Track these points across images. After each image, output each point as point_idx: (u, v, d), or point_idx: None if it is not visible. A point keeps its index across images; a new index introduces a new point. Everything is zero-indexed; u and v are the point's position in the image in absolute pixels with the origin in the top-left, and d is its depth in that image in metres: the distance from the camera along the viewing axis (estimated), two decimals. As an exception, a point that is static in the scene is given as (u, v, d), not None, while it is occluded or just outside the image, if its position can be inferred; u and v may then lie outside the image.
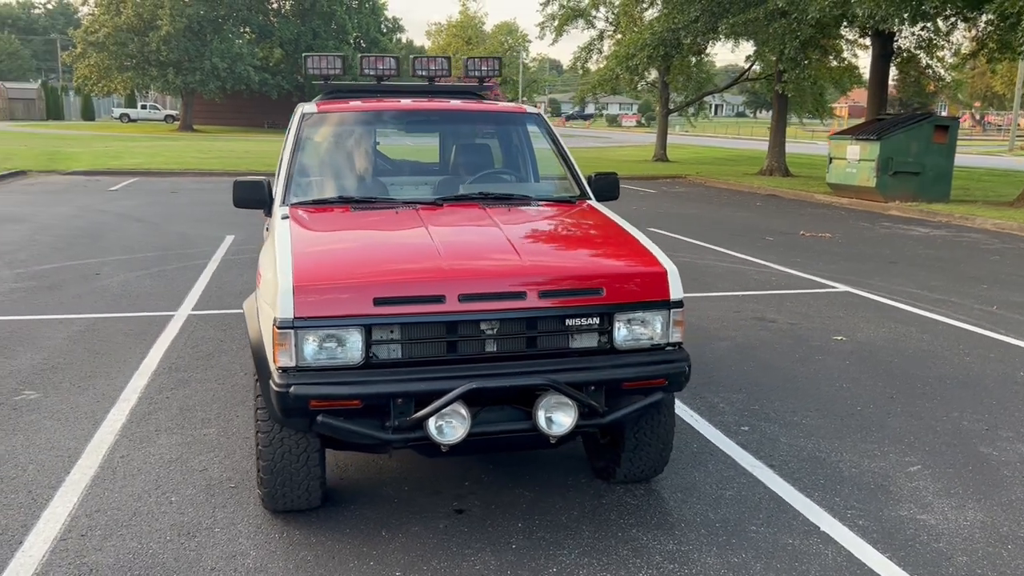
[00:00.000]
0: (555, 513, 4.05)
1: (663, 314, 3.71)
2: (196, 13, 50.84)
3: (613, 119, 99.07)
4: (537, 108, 5.39)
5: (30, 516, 3.90)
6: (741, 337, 7.28)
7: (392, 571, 3.52)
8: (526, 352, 3.57)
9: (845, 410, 5.53)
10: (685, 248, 12.19)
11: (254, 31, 55.93)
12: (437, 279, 3.48)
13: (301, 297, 3.36)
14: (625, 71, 25.62)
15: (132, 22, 50.25)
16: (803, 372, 6.33)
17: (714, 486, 4.38)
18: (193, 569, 3.50)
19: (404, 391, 3.38)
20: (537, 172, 5.14)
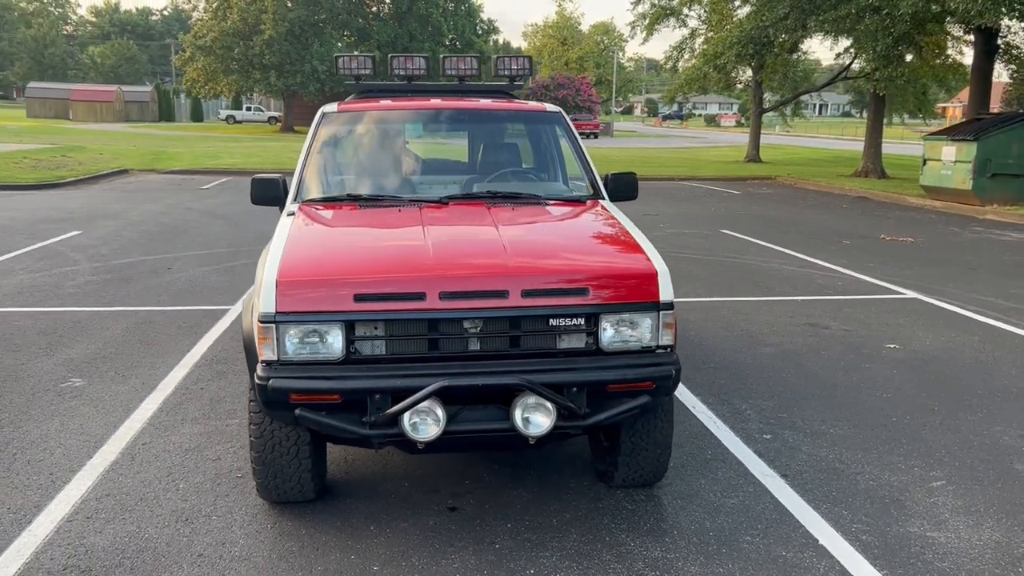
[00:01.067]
0: (547, 515, 4.02)
1: (652, 316, 3.64)
2: (297, 17, 52.38)
3: (712, 119, 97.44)
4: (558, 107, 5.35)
5: (45, 497, 4.10)
6: (788, 343, 7.07)
7: (371, 565, 3.56)
8: (509, 352, 3.55)
9: (878, 421, 5.32)
10: (754, 251, 11.90)
11: (352, 35, 57.18)
12: (418, 277, 3.51)
13: (283, 292, 3.44)
14: (713, 70, 25.18)
15: (237, 27, 52.12)
16: (844, 381, 6.10)
17: (718, 494, 4.27)
18: (182, 554, 3.62)
19: (381, 387, 3.41)
20: (560, 170, 5.09)
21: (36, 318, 7.48)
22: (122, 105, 65.90)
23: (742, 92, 38.85)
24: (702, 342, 7.05)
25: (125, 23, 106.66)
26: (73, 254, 10.74)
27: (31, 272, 9.50)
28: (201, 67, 53.56)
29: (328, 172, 4.80)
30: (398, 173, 4.92)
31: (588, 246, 4.06)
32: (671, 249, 11.90)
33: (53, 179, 19.87)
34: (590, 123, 59.16)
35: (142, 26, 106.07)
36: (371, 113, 5.12)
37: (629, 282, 3.65)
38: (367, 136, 5.02)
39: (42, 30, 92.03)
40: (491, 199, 4.53)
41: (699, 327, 7.55)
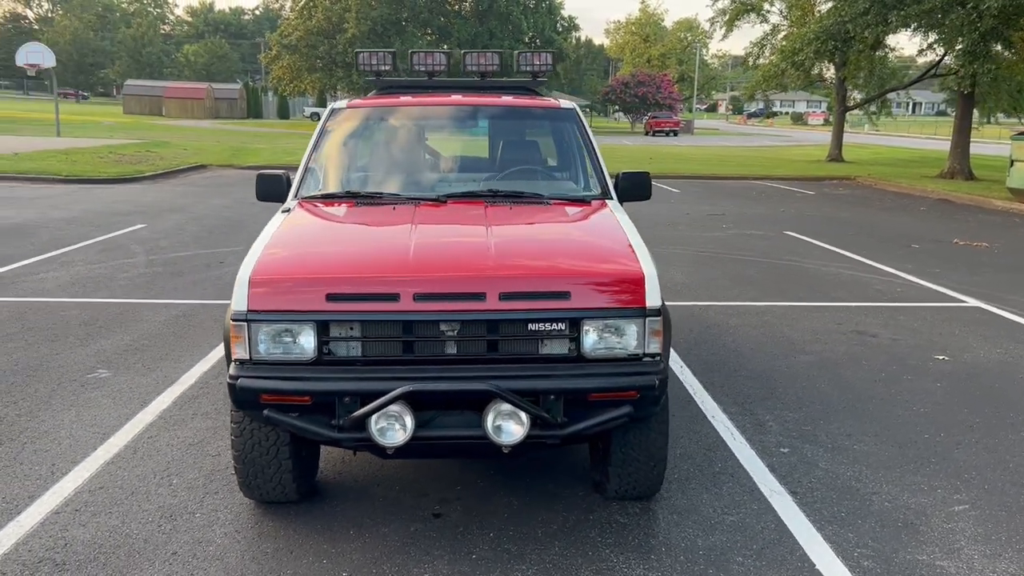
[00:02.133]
0: (533, 525, 3.89)
1: (637, 322, 3.47)
2: (380, 16, 53.09)
3: (799, 117, 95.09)
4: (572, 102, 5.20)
5: (40, 488, 4.16)
6: (829, 351, 6.76)
7: (340, 571, 3.49)
8: (487, 356, 3.44)
9: (908, 437, 5.02)
10: (815, 254, 11.49)
11: (433, 32, 57.66)
12: (393, 277, 3.42)
13: (255, 290, 3.40)
14: (791, 67, 24.47)
15: (322, 25, 53.13)
16: (881, 393, 5.79)
17: (719, 510, 4.08)
18: (157, 552, 3.61)
19: (350, 389, 3.34)
20: (570, 168, 4.91)
21: (82, 308, 7.68)
22: (212, 102, 67.88)
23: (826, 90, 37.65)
24: (738, 348, 6.80)
25: (219, 22, 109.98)
26: (133, 246, 11.03)
27: (89, 263, 9.78)
28: (287, 65, 54.79)
29: (330, 169, 4.76)
30: (400, 170, 4.84)
31: (577, 249, 3.91)
32: (727, 251, 11.58)
33: (132, 173, 20.51)
34: (669, 121, 58.39)
35: (234, 25, 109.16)
36: (378, 109, 5.07)
37: (614, 287, 3.49)
38: (372, 133, 4.97)
39: (140, 30, 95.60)
40: (492, 198, 4.41)
41: (739, 333, 7.29)
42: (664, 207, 17.20)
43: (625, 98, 65.40)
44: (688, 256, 11.13)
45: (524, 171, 4.89)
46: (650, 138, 55.42)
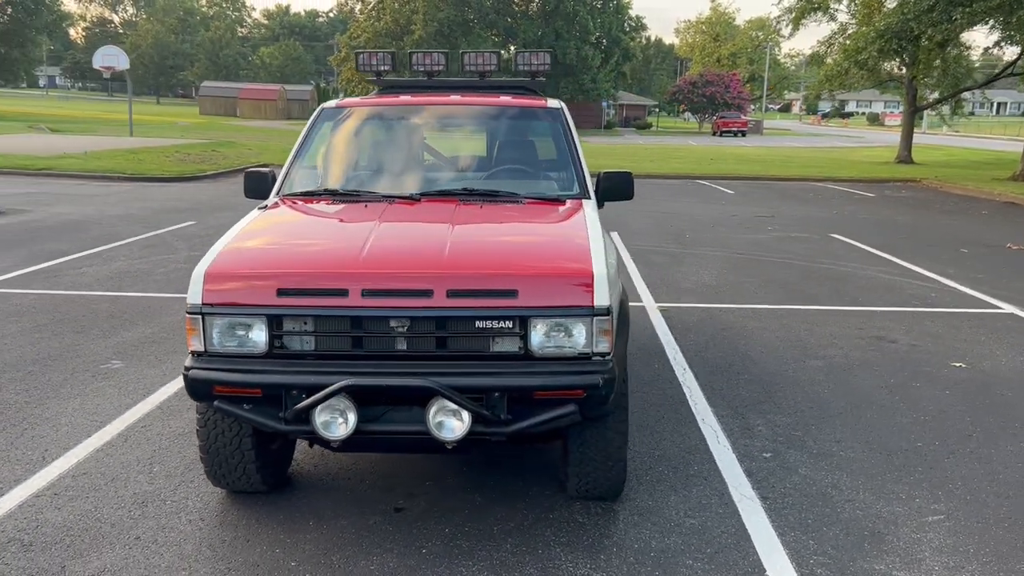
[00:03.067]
0: (491, 522, 3.91)
1: (586, 321, 3.47)
2: (447, 17, 53.53)
3: (875, 118, 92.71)
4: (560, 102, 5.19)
5: (28, 472, 4.34)
6: (841, 356, 6.62)
7: (290, 561, 3.57)
8: (435, 353, 3.48)
9: (900, 445, 4.89)
10: (855, 257, 11.23)
11: (499, 33, 57.91)
12: (342, 273, 3.48)
13: (209, 285, 3.50)
14: (854, 66, 23.89)
15: (390, 27, 53.87)
16: (883, 399, 5.65)
17: (682, 513, 4.04)
18: (120, 536, 3.74)
19: (296, 383, 3.41)
20: (553, 167, 4.88)
21: (114, 302, 7.96)
22: (284, 103, 69.38)
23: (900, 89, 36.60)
24: (748, 352, 6.70)
25: (294, 25, 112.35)
26: (177, 243, 11.38)
27: (131, 259, 10.13)
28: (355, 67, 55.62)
29: (313, 167, 4.85)
30: (381, 168, 4.90)
31: (531, 248, 3.91)
32: (765, 253, 11.40)
33: (193, 172, 21.14)
34: (737, 121, 57.59)
35: (308, 27, 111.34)
36: (364, 109, 5.14)
37: (562, 285, 3.49)
38: (357, 132, 5.04)
39: (218, 32, 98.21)
40: (467, 196, 4.45)
41: (754, 336, 7.18)
42: (713, 208, 17.00)
43: (692, 98, 64.73)
44: (722, 259, 10.99)
45: (502, 170, 4.91)
46: (717, 139, 54.72)
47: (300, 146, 4.87)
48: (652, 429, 5.07)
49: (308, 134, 4.93)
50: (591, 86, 58.50)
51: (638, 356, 6.54)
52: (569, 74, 58.06)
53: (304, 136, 4.93)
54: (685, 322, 7.61)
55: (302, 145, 4.88)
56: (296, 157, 4.84)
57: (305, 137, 4.92)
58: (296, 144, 4.92)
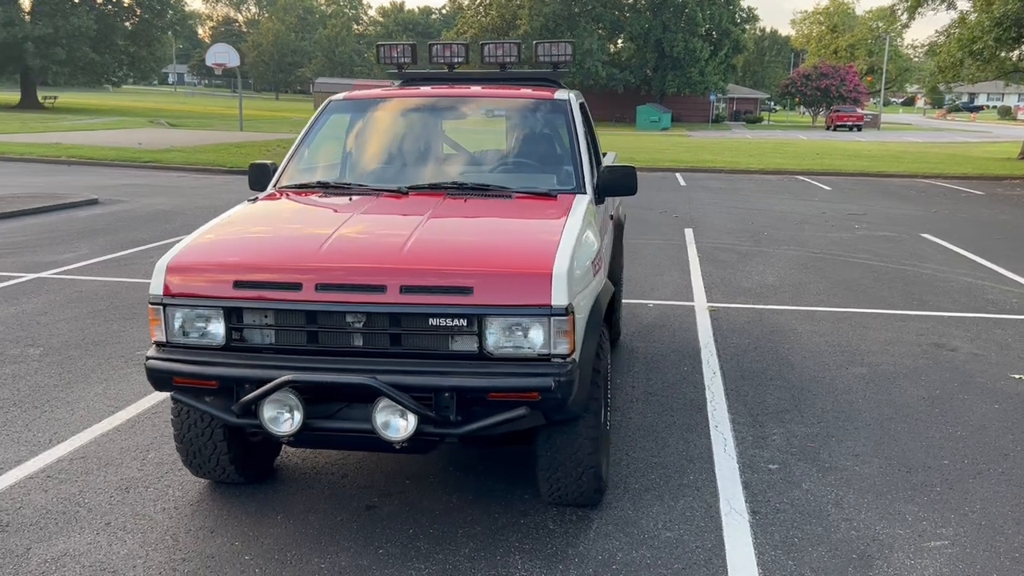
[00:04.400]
0: (458, 525, 3.81)
1: (543, 321, 3.33)
2: (552, 12, 53.43)
3: (1007, 111, 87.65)
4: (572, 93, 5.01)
5: (30, 453, 4.49)
6: (889, 364, 6.22)
7: (244, 555, 3.56)
8: (390, 350, 3.40)
9: (924, 462, 4.54)
10: (940, 259, 10.59)
11: (605, 27, 57.42)
12: (296, 267, 3.45)
13: (170, 277, 3.52)
14: (968, 56, 22.56)
15: (496, 22, 54.14)
16: (922, 412, 5.27)
17: (661, 525, 3.84)
18: (94, 521, 3.81)
19: (246, 376, 3.39)
20: (555, 161, 4.70)
21: (171, 291, 8.20)
22: (394, 98, 70.61)
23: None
24: (789, 357, 6.37)
25: (407, 22, 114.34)
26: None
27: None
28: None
29: (312, 159, 4.83)
30: (377, 161, 4.84)
31: (496, 244, 3.77)
32: (843, 253, 10.88)
33: (289, 166, 21.69)
34: (852, 115, 55.47)
35: (422, 24, 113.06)
36: (366, 102, 5.10)
37: (519, 284, 3.36)
38: (357, 124, 5.00)
39: (335, 30, 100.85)
40: (458, 190, 4.35)
41: (801, 340, 6.84)
42: (803, 205, 16.38)
43: (806, 91, 62.62)
44: (795, 258, 10.54)
45: (497, 163, 4.78)
46: (830, 133, 52.83)
47: (302, 138, 4.88)
48: (659, 434, 4.87)
49: (311, 127, 4.93)
50: (698, 79, 57.39)
51: (669, 358, 6.32)
52: (676, 67, 57.16)
53: (307, 128, 4.93)
54: (732, 324, 7.31)
55: (304, 137, 4.88)
56: (297, 149, 4.84)
57: (308, 129, 4.92)
58: (299, 136, 4.93)
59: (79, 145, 24.66)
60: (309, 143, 4.87)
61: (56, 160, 21.42)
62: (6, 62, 49.95)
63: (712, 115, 62.83)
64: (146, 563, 3.48)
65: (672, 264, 9.98)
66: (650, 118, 55.29)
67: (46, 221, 12.31)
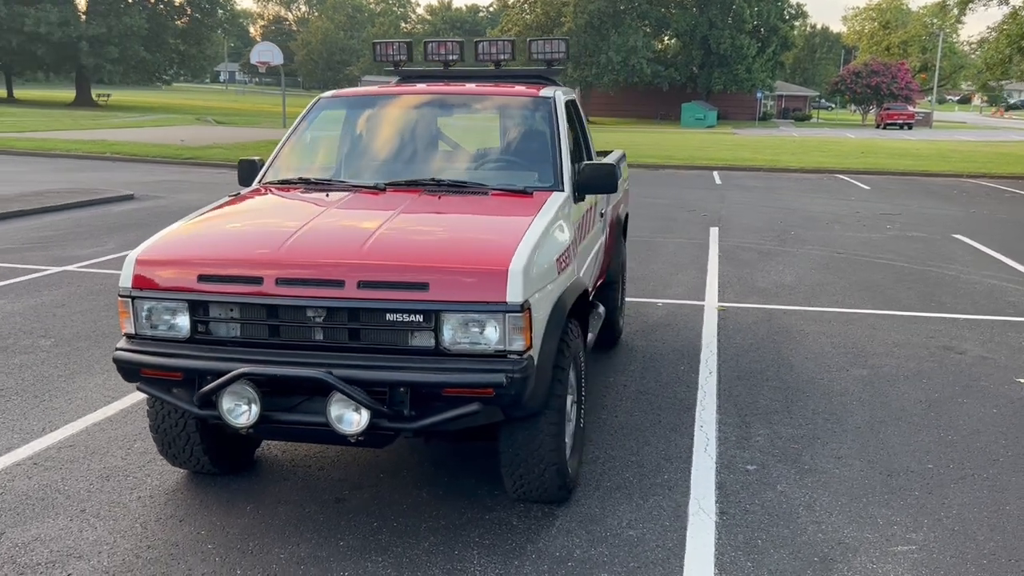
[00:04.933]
0: (423, 519, 3.84)
1: (498, 318, 3.35)
2: (597, 9, 53.22)
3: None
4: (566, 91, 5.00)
5: (22, 441, 4.61)
6: (892, 366, 6.11)
7: (207, 544, 3.63)
8: (349, 345, 3.45)
9: (908, 466, 4.46)
10: (968, 260, 10.36)
11: (651, 24, 57.05)
12: (258, 261, 3.51)
13: (139, 269, 3.60)
14: (1017, 52, 21.99)
15: (540, 20, 54.11)
16: (916, 415, 5.17)
17: (625, 524, 3.83)
18: (69, 507, 3.90)
19: (210, 369, 3.45)
20: (537, 159, 4.68)
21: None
22: (439, 96, 70.93)
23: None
24: (789, 358, 6.30)
25: (455, 20, 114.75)
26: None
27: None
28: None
29: (297, 155, 4.88)
30: (359, 158, 4.88)
31: (457, 241, 3.78)
32: (869, 253, 10.71)
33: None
34: (903, 113, 54.39)
35: (469, 22, 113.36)
36: (353, 99, 5.15)
37: (475, 280, 3.38)
38: (343, 122, 5.04)
39: (383, 28, 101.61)
40: (435, 186, 4.38)
41: (805, 341, 6.75)
42: (838, 204, 16.13)
43: (856, 89, 61.53)
44: (818, 258, 10.39)
45: (477, 160, 4.79)
46: (880, 131, 51.85)
47: (289, 135, 4.95)
48: (642, 433, 4.85)
49: (299, 123, 5.00)
50: (745, 76, 56.76)
51: (668, 357, 6.28)
52: (722, 64, 56.59)
53: (295, 125, 5.00)
54: (739, 323, 7.24)
55: (291, 134, 4.95)
56: (284, 146, 4.91)
57: (296, 126, 4.99)
58: (287, 133, 4.99)
59: (124, 142, 25.23)
60: (296, 140, 4.93)
61: (100, 156, 21.96)
62: (62, 61, 51.30)
63: (759, 113, 62.07)
64: (112, 549, 3.57)
65: (690, 263, 9.90)
66: (695, 116, 54.87)
67: (80, 216, 12.63)
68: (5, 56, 50.82)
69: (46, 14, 47.02)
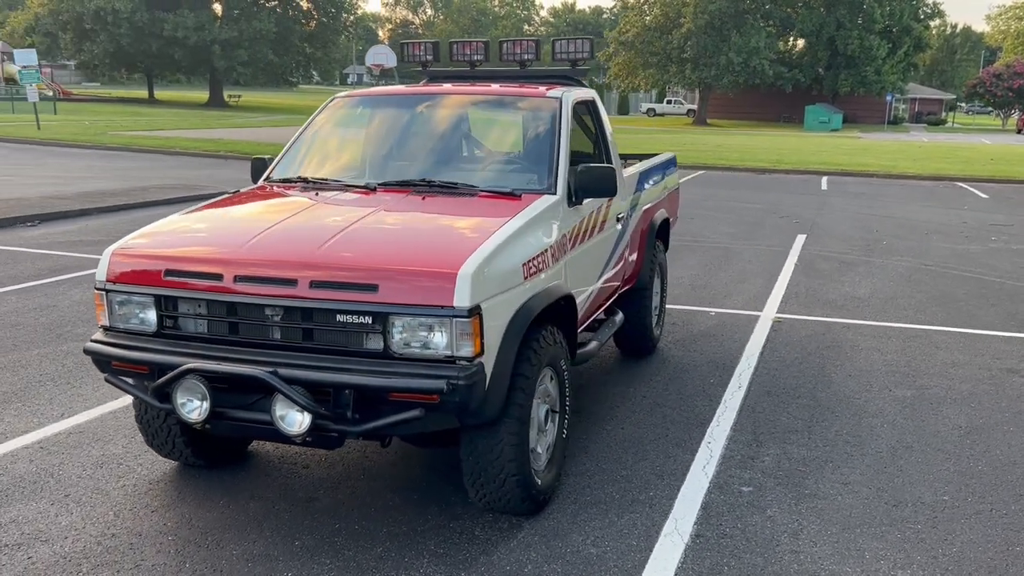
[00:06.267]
0: (384, 524, 3.79)
1: (446, 323, 3.27)
2: (718, 9, 52.09)
3: None
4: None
5: (35, 425, 4.79)
6: (942, 388, 5.69)
7: (168, 536, 3.68)
8: (303, 344, 3.44)
9: (920, 497, 4.13)
10: (1071, 276, 9.57)
11: (775, 24, 55.44)
12: (220, 259, 3.54)
13: (113, 264, 3.69)
14: None
15: (658, 21, 53.46)
16: (949, 442, 4.79)
17: (590, 541, 3.68)
18: (55, 492, 4.03)
19: (169, 363, 3.50)
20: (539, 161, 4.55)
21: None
22: (557, 98, 70.98)
23: None
24: (832, 375, 5.95)
25: (578, 21, 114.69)
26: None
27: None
28: (622, 62, 55.81)
29: (301, 155, 4.89)
30: (361, 157, 4.86)
31: (415, 243, 3.69)
32: (961, 267, 10.05)
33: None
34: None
35: (592, 23, 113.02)
36: (363, 99, 5.14)
37: (424, 284, 3.32)
38: (351, 121, 5.04)
39: (505, 31, 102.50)
40: (426, 187, 4.32)
41: (855, 357, 6.37)
42: (946, 214, 15.24)
43: (996, 91, 58.08)
44: (902, 269, 9.83)
45: (473, 161, 4.70)
46: (1019, 137, 48.78)
47: (299, 134, 4.99)
48: (642, 447, 4.67)
49: (310, 122, 5.04)
50: (874, 78, 54.50)
51: (700, 369, 6.04)
52: (850, 65, 54.53)
53: (306, 125, 5.04)
54: (791, 336, 6.90)
55: (301, 133, 4.99)
56: (292, 145, 4.96)
57: (307, 126, 5.03)
58: (297, 132, 5.04)
59: (240, 141, 26.27)
60: (303, 139, 4.98)
61: (215, 154, 22.93)
62: (197, 64, 53.99)
63: (889, 116, 59.43)
64: (78, 536, 3.66)
65: (761, 272, 9.52)
66: (819, 119, 53.02)
67: (170, 211, 13.16)
68: (146, 59, 53.90)
69: (183, 19, 49.61)
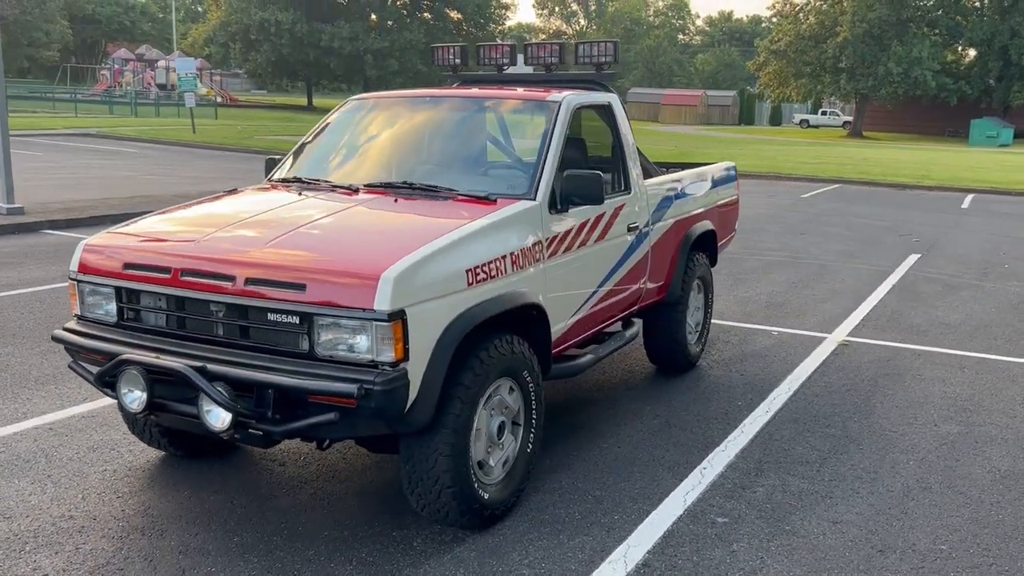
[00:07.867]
0: (329, 527, 3.76)
1: (367, 326, 3.21)
2: (878, 17, 49.69)
3: None
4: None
5: (57, 407, 5.04)
6: (992, 427, 5.15)
7: (121, 522, 3.76)
8: (240, 341, 3.46)
9: (913, 545, 3.72)
10: None
11: (942, 32, 52.34)
12: (172, 254, 3.61)
13: (85, 254, 3.83)
14: None
15: (813, 30, 51.55)
16: (973, 489, 4.32)
17: (526, 562, 3.51)
18: (38, 473, 4.20)
19: (113, 352, 3.58)
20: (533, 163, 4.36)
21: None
22: (705, 109, 69.63)
23: None
24: (875, 405, 5.50)
25: (734, 31, 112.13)
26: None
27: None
28: (773, 72, 54.12)
29: (307, 155, 4.90)
30: (357, 159, 4.83)
31: (353, 245, 3.65)
32: (1001, 286, 9.13)
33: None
34: None
35: (749, 33, 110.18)
36: (372, 101, 5.11)
37: (347, 285, 3.27)
38: (357, 124, 5.02)
39: (657, 40, 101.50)
40: (407, 189, 4.27)
41: (912, 387, 5.86)
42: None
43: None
44: (1012, 295, 9.01)
45: (458, 164, 4.57)
46: None
47: (310, 134, 5.05)
48: (630, 468, 4.45)
49: (323, 123, 5.09)
50: (1051, 91, 50.47)
51: (734, 390, 5.72)
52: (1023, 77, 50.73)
53: (319, 125, 5.09)
54: (850, 361, 6.43)
55: (311, 134, 5.05)
56: (302, 145, 5.02)
57: (319, 128, 5.08)
58: (309, 132, 5.10)
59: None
60: (314, 140, 5.03)
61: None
62: (350, 73, 56.16)
63: (1068, 132, 54.85)
64: (39, 515, 3.81)
65: (849, 292, 8.94)
66: (986, 133, 49.60)
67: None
68: (304, 68, 56.50)
69: (339, 29, 51.73)
